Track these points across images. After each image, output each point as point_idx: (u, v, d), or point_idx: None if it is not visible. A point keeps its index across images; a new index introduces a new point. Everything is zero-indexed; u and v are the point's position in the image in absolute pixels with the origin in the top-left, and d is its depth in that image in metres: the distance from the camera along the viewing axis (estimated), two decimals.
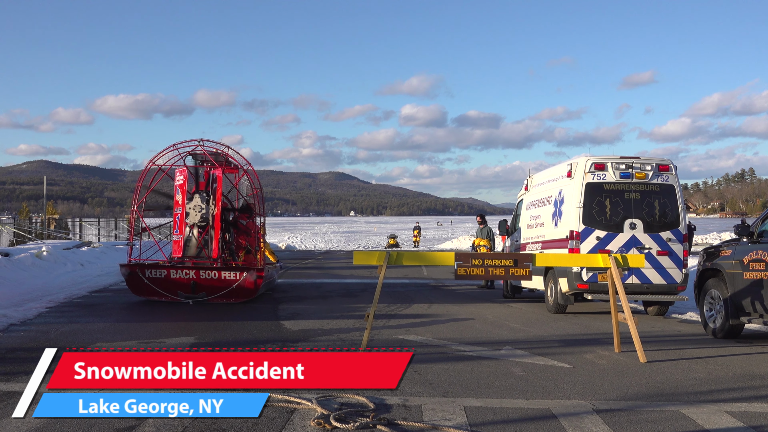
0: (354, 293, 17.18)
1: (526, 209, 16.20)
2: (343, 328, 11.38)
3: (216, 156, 16.35)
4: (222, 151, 16.43)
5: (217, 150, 16.37)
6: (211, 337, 10.39)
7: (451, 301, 15.79)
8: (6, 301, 13.83)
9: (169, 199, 16.56)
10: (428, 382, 7.50)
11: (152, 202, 16.98)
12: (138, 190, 16.33)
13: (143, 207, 16.49)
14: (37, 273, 19.02)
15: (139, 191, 16.31)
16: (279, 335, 10.59)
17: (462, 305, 14.92)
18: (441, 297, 16.58)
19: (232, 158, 16.53)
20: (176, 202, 15.85)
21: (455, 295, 17.34)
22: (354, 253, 9.71)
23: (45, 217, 37.04)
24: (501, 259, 9.63)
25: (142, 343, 9.73)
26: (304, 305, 14.54)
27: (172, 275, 14.56)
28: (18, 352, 9.12)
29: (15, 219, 35.14)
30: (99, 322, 11.83)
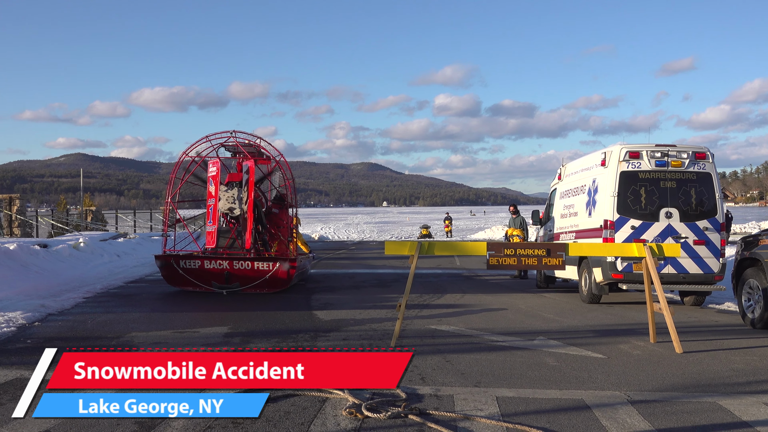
0: (386, 283, 17.18)
1: (559, 198, 16.06)
2: (375, 318, 11.39)
3: (248, 147, 16.44)
4: (254, 142, 16.52)
5: (249, 141, 16.47)
6: (244, 326, 10.47)
7: (484, 291, 15.72)
8: (44, 291, 14.08)
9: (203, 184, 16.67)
10: (460, 372, 7.48)
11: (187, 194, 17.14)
12: (172, 182, 16.50)
13: (177, 198, 16.64)
14: (74, 264, 19.33)
15: (173, 183, 16.48)
16: (311, 325, 10.64)
17: (494, 295, 14.85)
18: (473, 287, 16.52)
19: (265, 149, 16.62)
20: (209, 194, 15.98)
21: (488, 285, 17.26)
22: (386, 244, 9.69)
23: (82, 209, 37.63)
24: (534, 249, 9.55)
25: (177, 333, 9.84)
26: (337, 295, 14.58)
27: (205, 266, 14.70)
28: (56, 341, 9.27)
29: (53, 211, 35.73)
30: (134, 312, 11.99)
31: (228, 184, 15.69)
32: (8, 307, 11.58)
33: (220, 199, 15.56)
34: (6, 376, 7.17)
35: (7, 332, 9.71)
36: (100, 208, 43.30)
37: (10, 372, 7.37)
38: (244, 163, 16.04)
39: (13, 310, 11.23)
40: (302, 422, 5.66)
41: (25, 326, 10.32)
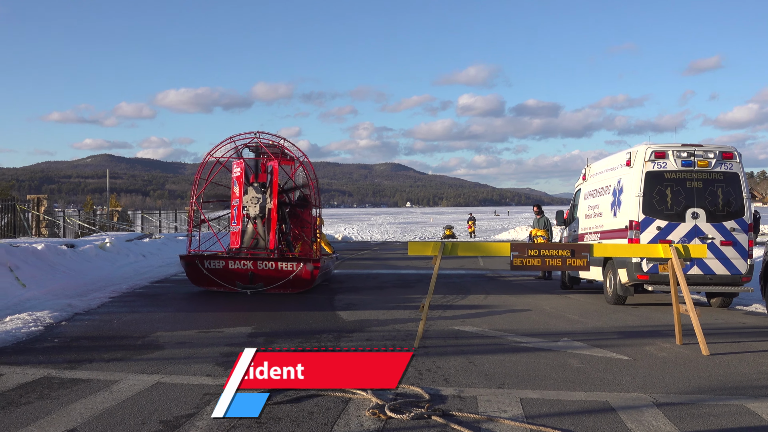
0: (409, 284, 17.18)
1: (583, 199, 15.95)
2: (398, 318, 11.39)
3: (272, 148, 16.51)
4: (278, 143, 16.59)
5: (273, 142, 16.54)
6: (268, 327, 10.51)
7: (508, 291, 15.66)
8: (71, 291, 14.24)
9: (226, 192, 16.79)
10: (484, 373, 7.45)
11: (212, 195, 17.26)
12: (196, 183, 16.61)
13: (202, 199, 16.76)
14: (100, 264, 19.53)
15: (198, 183, 16.59)
16: (335, 325, 10.66)
17: (518, 296, 14.78)
18: (497, 288, 16.46)
19: (288, 150, 16.68)
20: (233, 194, 16.07)
21: (511, 286, 17.19)
22: (409, 244, 9.69)
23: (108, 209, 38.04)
24: (558, 250, 9.50)
25: (201, 333, 9.91)
26: (360, 296, 14.60)
27: (230, 266, 14.79)
28: (82, 340, 9.38)
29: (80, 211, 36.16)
30: (160, 312, 12.09)
31: (253, 184, 15.77)
32: (36, 307, 11.74)
33: (244, 204, 15.63)
34: (34, 375, 7.26)
35: (35, 331, 9.83)
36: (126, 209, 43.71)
37: (38, 371, 7.46)
38: (267, 163, 16.12)
39: (41, 310, 11.38)
40: (325, 422, 5.68)
41: (53, 325, 10.45)
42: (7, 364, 7.83)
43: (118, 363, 7.88)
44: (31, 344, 9.04)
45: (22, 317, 10.60)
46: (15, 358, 8.13)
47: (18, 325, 10.05)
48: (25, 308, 11.59)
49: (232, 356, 8.24)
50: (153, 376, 7.22)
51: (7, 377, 7.16)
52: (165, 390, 6.64)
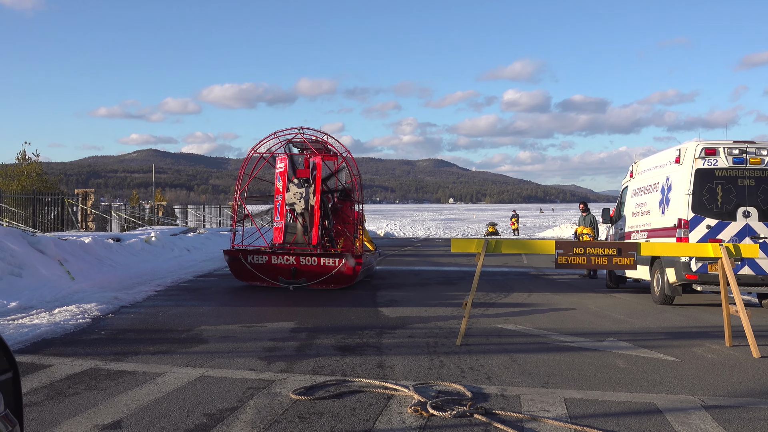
0: (452, 281, 17.14)
1: (631, 196, 15.73)
2: (441, 315, 11.38)
3: (315, 143, 16.61)
4: (321, 138, 16.68)
5: (316, 137, 16.64)
6: (311, 322, 10.59)
7: (552, 290, 15.53)
8: (118, 284, 14.53)
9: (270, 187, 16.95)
10: (527, 372, 7.41)
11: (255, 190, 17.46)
12: (240, 178, 16.79)
13: (246, 194, 16.94)
14: (146, 258, 19.88)
15: (242, 179, 16.77)
16: (377, 322, 10.69)
17: (563, 295, 14.66)
18: (541, 286, 16.34)
19: (332, 146, 16.77)
20: (277, 189, 16.21)
21: (556, 284, 17.05)
22: (452, 241, 9.68)
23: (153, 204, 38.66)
24: (604, 248, 9.39)
25: (245, 327, 10.03)
26: (402, 292, 14.62)
27: (273, 261, 14.93)
28: (128, 333, 9.57)
29: (126, 206, 36.83)
30: (204, 306, 12.26)
31: (297, 180, 15.89)
32: (84, 299, 12.01)
33: (287, 199, 15.76)
34: (81, 366, 7.43)
35: (82, 323, 10.06)
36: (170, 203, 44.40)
37: (85, 362, 7.64)
38: (311, 159, 16.23)
39: (88, 302, 11.64)
40: (367, 419, 5.70)
41: (100, 318, 10.68)
42: (56, 355, 8.03)
43: (163, 356, 8.03)
44: (78, 336, 9.26)
45: (70, 309, 10.86)
46: (63, 350, 8.33)
47: (66, 317, 10.30)
48: (73, 300, 11.87)
49: (276, 351, 8.34)
50: (197, 369, 7.33)
51: (56, 368, 7.34)
52: (209, 383, 6.75)
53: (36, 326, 9.47)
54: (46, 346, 8.52)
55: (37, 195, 26.79)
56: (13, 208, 24.86)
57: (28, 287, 12.50)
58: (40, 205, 27.29)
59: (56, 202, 28.66)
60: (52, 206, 28.57)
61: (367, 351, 8.44)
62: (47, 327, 9.49)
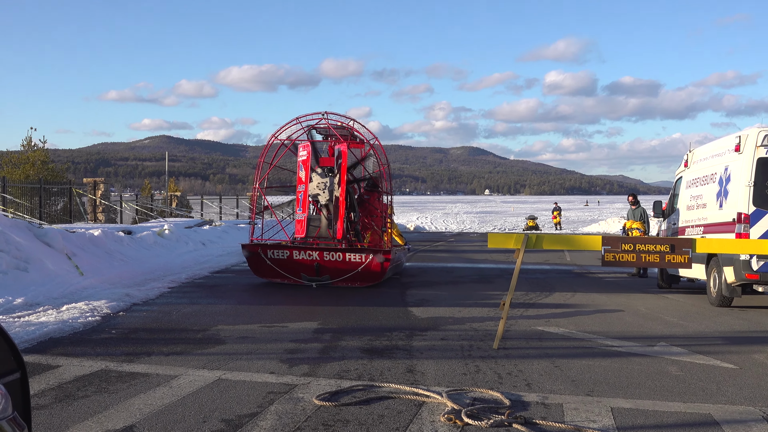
0: (488, 279, 17.11)
1: (685, 188, 15.58)
2: (476, 316, 11.37)
3: (341, 130, 16.65)
4: (347, 124, 16.71)
5: (342, 123, 16.67)
6: (335, 322, 10.64)
7: (598, 290, 15.44)
8: (129, 280, 14.70)
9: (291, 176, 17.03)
10: (570, 379, 7.38)
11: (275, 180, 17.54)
12: (260, 167, 16.87)
13: (265, 184, 17.02)
14: (158, 252, 20.08)
15: (261, 167, 16.85)
16: (407, 323, 10.71)
17: (610, 295, 14.57)
18: (586, 285, 16.25)
19: (358, 132, 16.79)
20: (299, 179, 16.27)
21: (602, 283, 16.94)
22: (489, 236, 9.65)
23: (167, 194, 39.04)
24: (655, 245, 9.31)
25: (265, 327, 10.10)
26: (434, 291, 14.62)
27: (294, 256, 15.01)
28: (140, 332, 9.68)
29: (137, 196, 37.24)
30: (220, 304, 12.37)
31: (320, 169, 15.94)
32: (93, 296, 12.18)
33: (311, 190, 15.81)
34: (91, 367, 7.54)
35: (92, 321, 10.20)
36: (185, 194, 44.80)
37: (95, 363, 7.74)
38: (336, 146, 16.26)
39: (98, 299, 11.80)
40: (397, 427, 5.72)
41: (110, 316, 10.81)
42: (65, 355, 8.15)
43: (178, 357, 8.11)
44: (88, 335, 9.39)
45: (78, 306, 11.02)
46: (72, 349, 8.45)
47: (75, 314, 10.44)
48: (81, 297, 12.04)
49: (298, 353, 8.39)
50: (214, 371, 7.40)
51: (64, 369, 7.46)
52: (227, 387, 6.81)
53: (43, 324, 9.63)
54: (54, 346, 8.66)
55: (43, 184, 27.18)
56: (17, 199, 25.24)
57: (35, 282, 12.69)
58: (47, 195, 27.69)
59: (63, 192, 29.06)
60: (59, 196, 28.98)
61: (397, 354, 8.46)
62: (55, 325, 9.64)
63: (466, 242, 32.89)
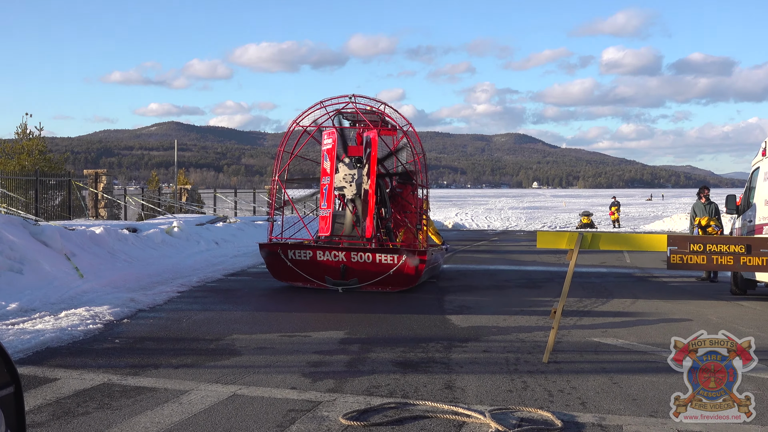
0: (537, 283, 17.03)
1: (763, 180, 15.38)
2: (523, 326, 11.32)
3: (370, 115, 16.64)
4: (377, 108, 16.70)
5: (371, 108, 16.67)
6: (364, 332, 10.65)
7: (662, 296, 15.30)
8: (134, 283, 14.84)
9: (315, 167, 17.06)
10: (631, 397, 7.33)
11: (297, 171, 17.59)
12: (279, 156, 16.92)
13: (286, 176, 17.07)
14: (167, 252, 20.26)
15: (281, 157, 16.90)
16: (444, 332, 10.69)
17: (676, 302, 14.43)
18: (648, 291, 16.11)
19: (390, 117, 16.78)
20: (323, 171, 16.29)
21: (667, 288, 16.79)
22: (538, 234, 9.59)
23: (176, 187, 39.29)
24: (729, 245, 9.19)
25: (285, 337, 10.14)
26: (475, 297, 14.59)
27: (318, 257, 15.04)
28: (147, 342, 9.77)
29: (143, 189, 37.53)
30: (236, 311, 12.44)
31: (346, 159, 15.95)
32: (94, 301, 12.31)
33: (336, 182, 15.82)
34: (92, 381, 7.61)
35: (93, 329, 10.31)
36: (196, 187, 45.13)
37: (97, 376, 7.82)
38: (365, 134, 16.26)
39: (99, 305, 11.93)
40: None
41: (113, 323, 10.93)
42: (63, 366, 8.24)
43: (189, 370, 8.17)
44: (89, 344, 9.49)
45: (78, 313, 11.15)
46: (71, 360, 8.55)
47: (74, 321, 10.57)
48: (82, 302, 12.18)
49: (322, 366, 8.41)
50: (228, 386, 7.44)
51: (62, 382, 7.54)
52: (243, 403, 6.84)
53: (39, 332, 9.75)
54: (52, 356, 8.76)
55: (39, 176, 27.50)
56: (11, 193, 25.57)
57: (30, 286, 12.86)
58: (44, 189, 28.02)
59: (62, 184, 29.39)
60: (57, 190, 29.30)
61: (433, 368, 8.44)
62: (52, 333, 9.75)
63: (512, 242, 32.78)
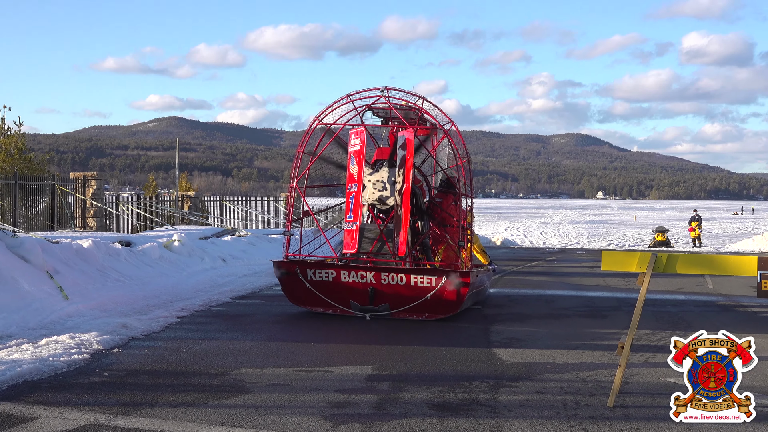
0: (601, 312, 16.92)
1: None
2: (583, 362, 11.24)
3: (406, 111, 16.61)
4: (414, 104, 16.67)
5: (407, 103, 16.64)
6: (395, 367, 10.61)
7: (752, 329, 15.12)
8: (127, 306, 14.92)
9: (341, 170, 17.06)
10: None
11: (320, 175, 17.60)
12: (299, 159, 16.93)
13: (306, 182, 17.08)
14: (165, 269, 20.35)
15: (301, 160, 16.90)
16: (491, 369, 10.64)
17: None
18: (735, 322, 15.93)
19: (429, 114, 16.74)
20: (350, 176, 16.26)
21: (757, 320, 16.60)
22: (603, 254, 9.53)
23: (177, 194, 39.48)
24: None
25: (302, 372, 10.13)
26: (528, 327, 14.51)
27: (342, 278, 15.02)
28: (140, 375, 9.80)
29: (139, 196, 37.74)
30: (245, 340, 12.46)
31: (376, 163, 15.93)
32: (80, 326, 12.38)
33: (364, 185, 15.82)
34: (77, 421, 7.65)
35: (78, 360, 10.36)
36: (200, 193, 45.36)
37: (82, 415, 7.85)
38: (399, 133, 16.23)
39: (86, 331, 11.99)
40: None
41: (102, 353, 10.98)
42: (42, 403, 8.29)
43: (189, 409, 8.18)
44: (73, 378, 9.53)
45: (62, 340, 11.22)
46: (52, 396, 8.59)
47: (57, 350, 10.63)
48: (65, 328, 12.25)
49: (346, 407, 8.40)
50: (235, 429, 7.44)
51: (42, 422, 7.58)
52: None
53: (16, 363, 9.81)
54: (30, 391, 8.81)
55: (18, 180, 27.72)
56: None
57: (6, 308, 12.94)
58: (23, 194, 28.25)
59: (45, 189, 29.62)
60: (38, 195, 29.53)
61: (477, 411, 8.40)
62: (31, 364, 9.81)
63: (572, 262, 32.61)
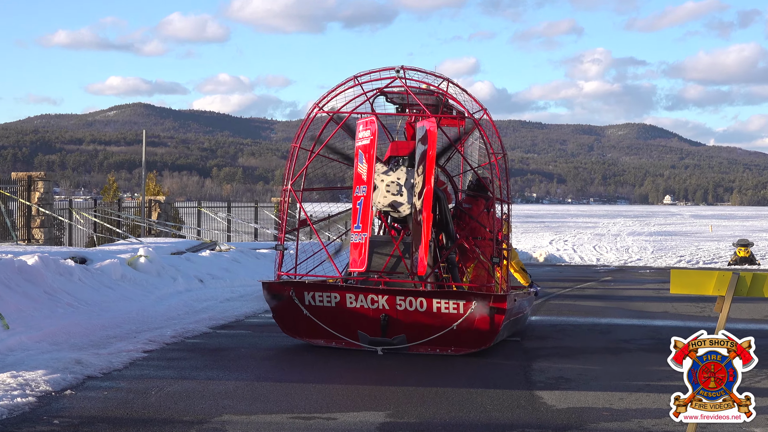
0: (668, 344, 16.86)
1: None
2: (648, 408, 11.21)
3: (426, 96, 16.59)
4: (437, 87, 16.65)
5: (428, 86, 16.61)
6: (414, 413, 10.59)
7: None
8: (82, 338, 14.90)
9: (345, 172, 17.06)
10: None
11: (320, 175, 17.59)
12: (295, 155, 16.91)
13: (303, 184, 17.07)
14: (129, 292, 20.35)
15: (297, 156, 16.89)
16: (533, 417, 10.62)
17: None
18: None
19: (455, 100, 16.71)
20: (358, 177, 16.22)
21: None
22: (672, 274, 9.52)
23: (143, 198, 39.57)
24: None
25: (299, 419, 10.12)
26: (578, 364, 14.49)
27: (348, 303, 14.99)
28: (98, 424, 9.78)
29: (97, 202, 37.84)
30: (228, 380, 12.46)
31: (390, 160, 15.92)
32: (24, 362, 12.36)
33: (375, 186, 15.80)
34: None
35: (20, 404, 10.33)
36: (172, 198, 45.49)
37: None
38: (418, 124, 16.20)
39: (32, 368, 11.95)
40: None
41: (51, 395, 10.95)
42: None
43: None
44: (15, 426, 9.51)
45: (1, 379, 11.19)
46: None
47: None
48: (6, 364, 12.22)
49: None
50: None
51: None
52: None
53: None
54: None
55: None
56: None
57: None
58: None
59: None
60: None
61: None
62: None
63: (633, 283, 32.58)
